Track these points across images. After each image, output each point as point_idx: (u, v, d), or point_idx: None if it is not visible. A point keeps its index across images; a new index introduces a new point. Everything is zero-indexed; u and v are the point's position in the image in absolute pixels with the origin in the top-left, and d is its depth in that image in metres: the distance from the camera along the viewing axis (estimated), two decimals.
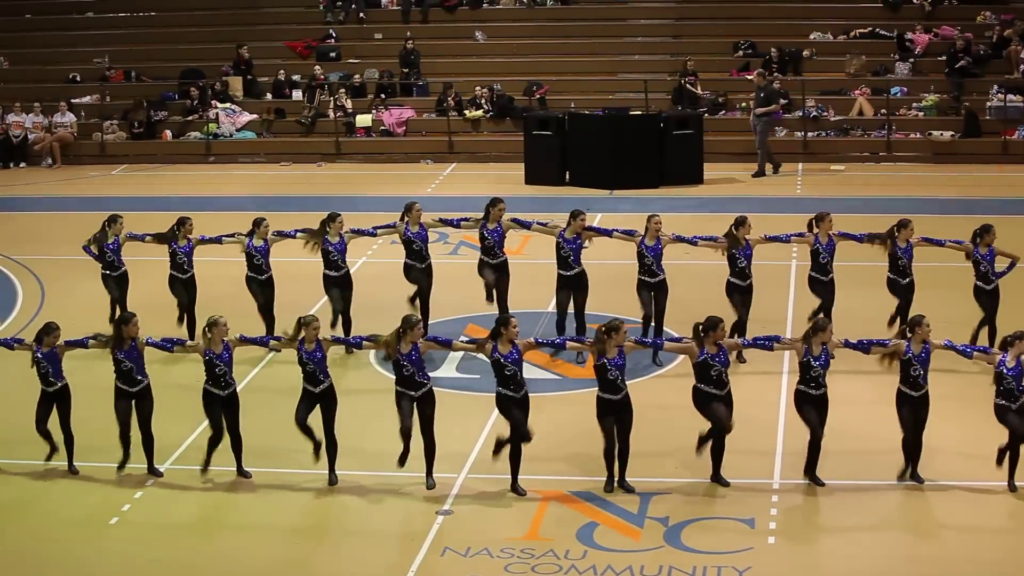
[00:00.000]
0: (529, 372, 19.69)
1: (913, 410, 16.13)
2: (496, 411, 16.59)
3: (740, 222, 20.18)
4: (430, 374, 16.54)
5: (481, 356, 17.21)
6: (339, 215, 21.17)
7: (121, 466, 16.90)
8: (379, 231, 21.41)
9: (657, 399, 18.35)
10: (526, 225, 21.09)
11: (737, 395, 16.79)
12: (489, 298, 21.00)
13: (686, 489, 16.31)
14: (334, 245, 20.94)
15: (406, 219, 20.99)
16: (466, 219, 21.31)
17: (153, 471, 16.94)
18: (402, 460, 16.45)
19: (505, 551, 14.89)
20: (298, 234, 21.21)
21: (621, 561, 14.63)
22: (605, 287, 21.86)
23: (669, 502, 16.00)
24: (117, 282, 21.66)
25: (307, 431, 16.67)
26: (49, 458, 17.12)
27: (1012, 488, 16.01)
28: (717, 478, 16.39)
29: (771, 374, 19.34)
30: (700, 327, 16.18)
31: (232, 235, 21.35)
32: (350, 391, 18.92)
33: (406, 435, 16.34)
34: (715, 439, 16.33)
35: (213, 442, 16.75)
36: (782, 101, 34.33)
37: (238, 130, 37.33)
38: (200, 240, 21.38)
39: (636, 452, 16.87)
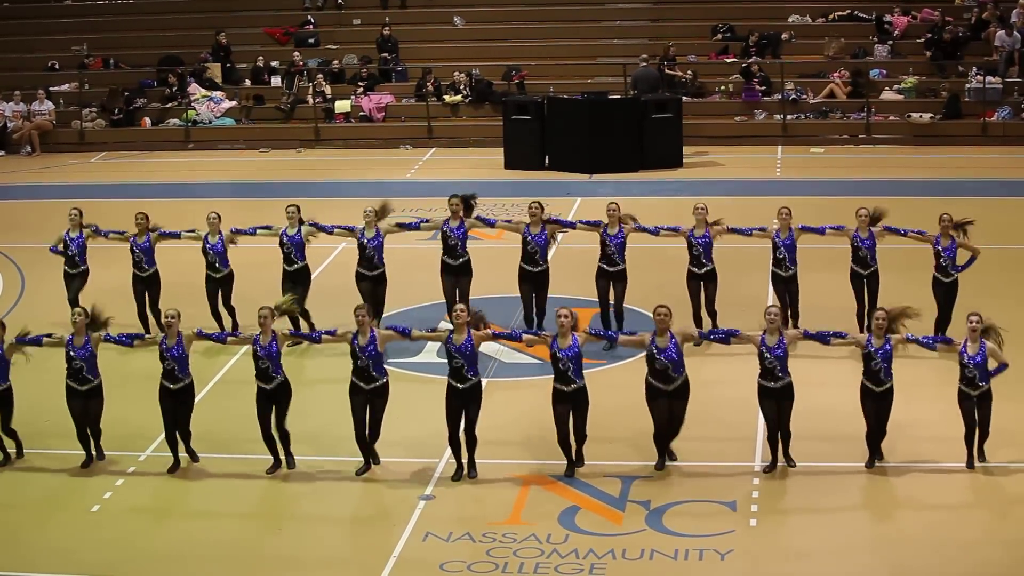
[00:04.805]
0: (510, 356, 19.79)
1: (875, 404, 16.12)
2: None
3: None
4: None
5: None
6: (294, 206, 20.58)
7: (85, 464, 16.78)
8: (336, 230, 20.77)
9: (634, 385, 18.25)
10: (490, 223, 20.66)
11: (715, 377, 16.79)
12: (449, 312, 20.10)
13: (667, 472, 16.30)
14: (290, 238, 20.40)
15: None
16: (426, 220, 20.84)
17: (99, 455, 16.86)
18: (361, 470, 16.47)
19: (487, 536, 14.89)
20: (258, 231, 20.74)
21: (603, 545, 14.64)
22: (581, 274, 21.52)
23: (651, 485, 16.00)
24: (74, 280, 21.21)
25: (270, 444, 16.54)
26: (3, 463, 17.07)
27: (970, 465, 16.15)
28: (661, 464, 16.36)
29: (749, 355, 19.23)
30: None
31: (192, 231, 20.87)
32: (325, 380, 18.82)
33: (362, 445, 16.40)
34: (655, 432, 16.32)
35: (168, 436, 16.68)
36: None
37: (217, 117, 37.23)
38: (159, 234, 20.81)
39: (617, 437, 16.93)
